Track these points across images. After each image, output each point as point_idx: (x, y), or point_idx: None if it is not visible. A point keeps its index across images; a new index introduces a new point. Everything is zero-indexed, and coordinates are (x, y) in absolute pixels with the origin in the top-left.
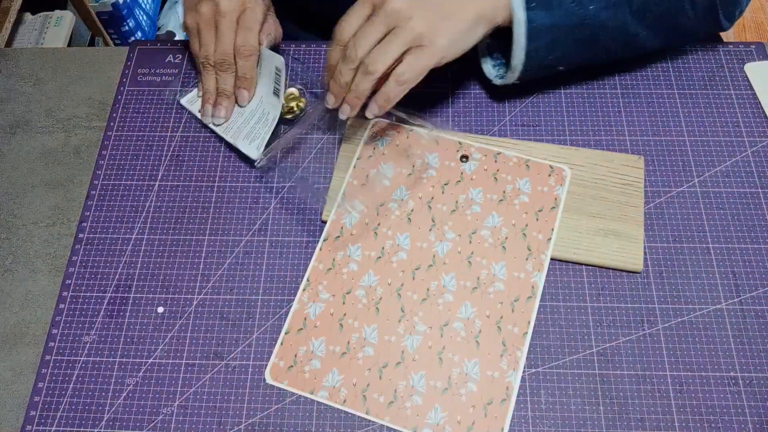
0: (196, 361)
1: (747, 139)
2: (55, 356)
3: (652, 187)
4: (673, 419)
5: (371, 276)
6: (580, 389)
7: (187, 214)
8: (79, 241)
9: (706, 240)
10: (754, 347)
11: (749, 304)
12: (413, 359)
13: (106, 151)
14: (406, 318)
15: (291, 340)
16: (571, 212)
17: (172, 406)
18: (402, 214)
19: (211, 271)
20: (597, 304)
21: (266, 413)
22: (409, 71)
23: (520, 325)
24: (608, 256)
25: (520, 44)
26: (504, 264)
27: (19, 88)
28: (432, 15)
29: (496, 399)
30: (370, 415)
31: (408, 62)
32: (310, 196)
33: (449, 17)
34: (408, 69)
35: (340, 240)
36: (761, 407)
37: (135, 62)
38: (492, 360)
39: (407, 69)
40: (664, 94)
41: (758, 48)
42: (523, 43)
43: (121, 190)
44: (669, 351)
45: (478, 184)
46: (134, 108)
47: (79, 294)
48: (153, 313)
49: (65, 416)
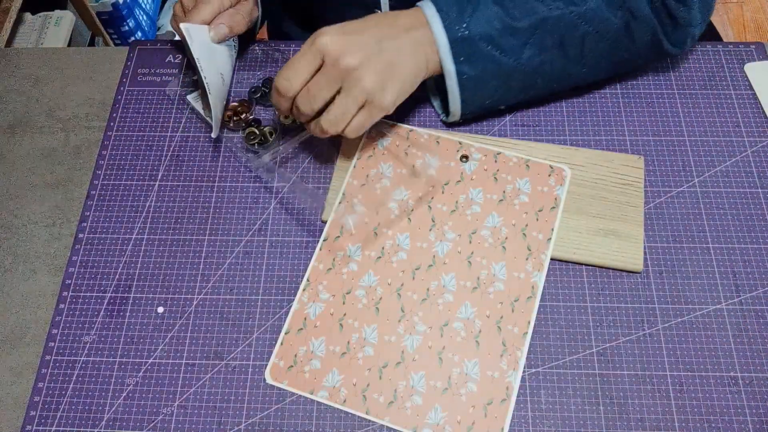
0: (196, 361)
1: (747, 139)
2: (55, 356)
3: (652, 187)
4: (673, 419)
5: (371, 276)
6: (580, 389)
7: (187, 214)
8: (79, 241)
9: (706, 240)
10: (754, 347)
11: (749, 304)
12: (413, 359)
13: (106, 151)
14: (406, 318)
15: (291, 340)
16: (571, 212)
17: (172, 406)
18: (402, 214)
19: (211, 271)
20: (597, 304)
21: (266, 413)
22: (358, 128)
23: (520, 325)
24: (608, 256)
25: (454, 94)
26: (504, 264)
27: (19, 88)
28: (379, 73)
29: (496, 399)
30: (370, 415)
31: (358, 120)
32: (309, 202)
33: (393, 74)
34: (358, 126)
35: (340, 240)
36: (761, 407)
37: (135, 62)
38: (492, 360)
39: (357, 126)
40: (664, 94)
41: (758, 48)
42: (456, 92)
43: (121, 190)
44: (669, 351)
45: (478, 184)
46: (134, 108)
47: (79, 294)
48: (153, 313)
49: (65, 416)
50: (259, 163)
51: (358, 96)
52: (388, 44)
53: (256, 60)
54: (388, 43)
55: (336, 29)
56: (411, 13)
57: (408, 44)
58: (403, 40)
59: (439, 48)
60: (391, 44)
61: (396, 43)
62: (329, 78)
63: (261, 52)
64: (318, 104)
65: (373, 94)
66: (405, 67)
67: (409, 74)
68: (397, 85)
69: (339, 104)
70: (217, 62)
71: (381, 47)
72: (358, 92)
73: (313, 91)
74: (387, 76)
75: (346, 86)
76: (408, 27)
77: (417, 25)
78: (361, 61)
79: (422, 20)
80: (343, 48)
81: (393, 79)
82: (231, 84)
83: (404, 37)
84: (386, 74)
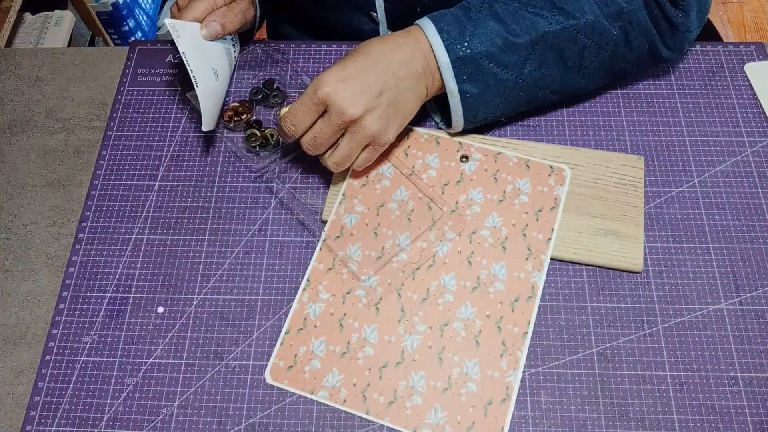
0: (196, 361)
1: (747, 139)
2: (55, 356)
3: (652, 187)
4: (673, 419)
5: (371, 276)
6: (580, 389)
7: (187, 214)
8: (79, 241)
9: (706, 240)
10: (754, 347)
11: (749, 304)
12: (413, 359)
13: (106, 151)
14: (406, 318)
15: (291, 340)
16: (571, 212)
17: (172, 406)
18: (402, 214)
19: (211, 271)
20: (597, 304)
21: (266, 413)
22: (364, 163)
23: (520, 325)
24: (608, 256)
25: (457, 112)
26: (504, 264)
27: (19, 88)
28: (382, 117)
29: (496, 399)
30: (370, 415)
31: (363, 157)
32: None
33: (396, 113)
34: (363, 162)
35: (340, 240)
36: (761, 407)
37: (135, 62)
38: (492, 360)
39: (363, 162)
40: (664, 94)
41: (758, 48)
42: (459, 110)
43: (121, 190)
44: (669, 351)
45: (478, 184)
46: (134, 108)
47: (79, 294)
48: (153, 313)
49: (65, 416)
50: (259, 166)
51: (362, 140)
52: (389, 86)
53: (256, 60)
54: (388, 85)
55: (335, 76)
56: (410, 37)
57: (409, 81)
58: (403, 78)
59: (441, 68)
60: (391, 85)
61: (397, 83)
62: (334, 126)
63: (261, 52)
64: (323, 149)
65: (378, 136)
66: (407, 104)
67: (411, 109)
68: (399, 121)
69: (344, 147)
70: (209, 58)
71: (382, 91)
72: (361, 137)
73: (319, 139)
74: (390, 117)
75: (351, 132)
76: (407, 59)
77: (417, 54)
78: (364, 111)
79: (422, 44)
80: (346, 99)
81: (395, 117)
82: (231, 83)
83: (404, 73)
84: (389, 115)
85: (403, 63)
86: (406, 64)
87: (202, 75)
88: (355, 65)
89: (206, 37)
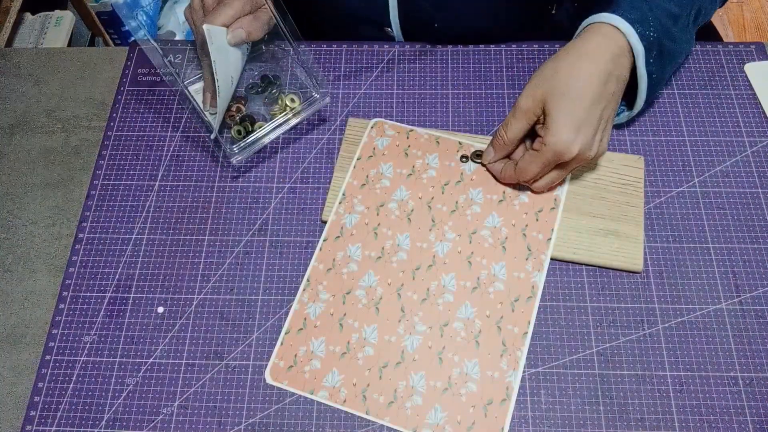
0: (196, 361)
1: (747, 139)
2: (55, 356)
3: (652, 187)
4: (673, 419)
5: (371, 276)
6: (580, 389)
7: (187, 214)
8: (79, 241)
9: (706, 240)
10: (754, 347)
11: (749, 304)
12: (413, 359)
13: (106, 151)
14: (406, 318)
15: (291, 340)
16: (571, 212)
17: (172, 406)
18: (402, 214)
19: (211, 271)
20: (597, 304)
21: (266, 413)
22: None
23: (520, 325)
24: (608, 256)
25: (642, 95)
26: (504, 264)
27: (19, 88)
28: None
29: (496, 399)
30: (370, 415)
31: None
32: None
33: (596, 132)
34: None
35: (340, 240)
36: (761, 407)
37: (135, 62)
38: (492, 360)
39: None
40: (664, 94)
41: (758, 48)
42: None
43: (121, 190)
44: (669, 351)
45: (478, 184)
46: (134, 108)
47: (79, 294)
48: (153, 313)
49: (65, 416)
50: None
51: (569, 170)
52: (609, 108)
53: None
54: (608, 109)
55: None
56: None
57: (619, 91)
58: (617, 92)
59: (636, 57)
60: (609, 109)
61: (612, 105)
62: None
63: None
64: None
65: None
66: (608, 116)
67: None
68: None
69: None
70: (229, 65)
71: (602, 117)
72: (570, 168)
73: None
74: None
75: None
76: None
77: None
78: (596, 150)
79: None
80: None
81: (596, 135)
82: None
83: (615, 88)
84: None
85: (617, 77)
86: (618, 77)
87: (223, 83)
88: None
89: (231, 43)
